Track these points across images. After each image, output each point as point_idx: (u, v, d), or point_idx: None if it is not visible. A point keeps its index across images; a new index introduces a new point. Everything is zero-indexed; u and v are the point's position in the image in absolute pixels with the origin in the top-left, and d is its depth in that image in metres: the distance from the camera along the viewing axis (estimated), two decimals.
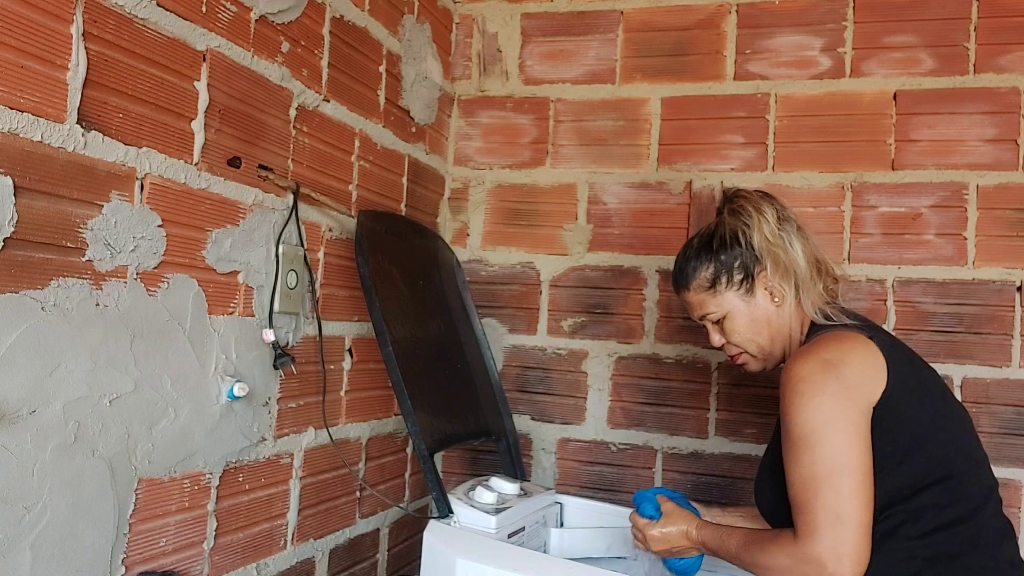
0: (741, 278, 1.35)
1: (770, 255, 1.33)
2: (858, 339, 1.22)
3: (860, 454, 1.14)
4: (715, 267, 1.36)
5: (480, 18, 2.16)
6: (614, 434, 2.00)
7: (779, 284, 1.33)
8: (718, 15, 1.98)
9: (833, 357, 1.19)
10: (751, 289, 1.35)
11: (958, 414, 1.27)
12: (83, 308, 1.05)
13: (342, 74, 1.61)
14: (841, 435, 1.14)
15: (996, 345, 1.77)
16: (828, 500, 1.12)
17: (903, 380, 1.19)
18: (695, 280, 1.39)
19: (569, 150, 2.08)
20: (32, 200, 0.97)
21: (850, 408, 1.16)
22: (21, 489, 0.97)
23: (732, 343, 1.40)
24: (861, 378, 1.17)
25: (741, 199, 1.38)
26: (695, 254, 1.40)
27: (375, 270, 1.50)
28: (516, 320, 2.09)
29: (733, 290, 1.36)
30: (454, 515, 1.40)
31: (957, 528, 1.15)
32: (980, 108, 1.81)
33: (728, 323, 1.38)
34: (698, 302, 1.40)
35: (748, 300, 1.35)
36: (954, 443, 1.22)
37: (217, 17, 1.26)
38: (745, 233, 1.34)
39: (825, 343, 1.24)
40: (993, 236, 1.79)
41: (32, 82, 0.97)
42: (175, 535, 1.23)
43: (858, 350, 1.20)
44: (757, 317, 1.35)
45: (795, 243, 1.34)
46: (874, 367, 1.18)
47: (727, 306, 1.37)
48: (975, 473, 1.22)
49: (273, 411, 1.44)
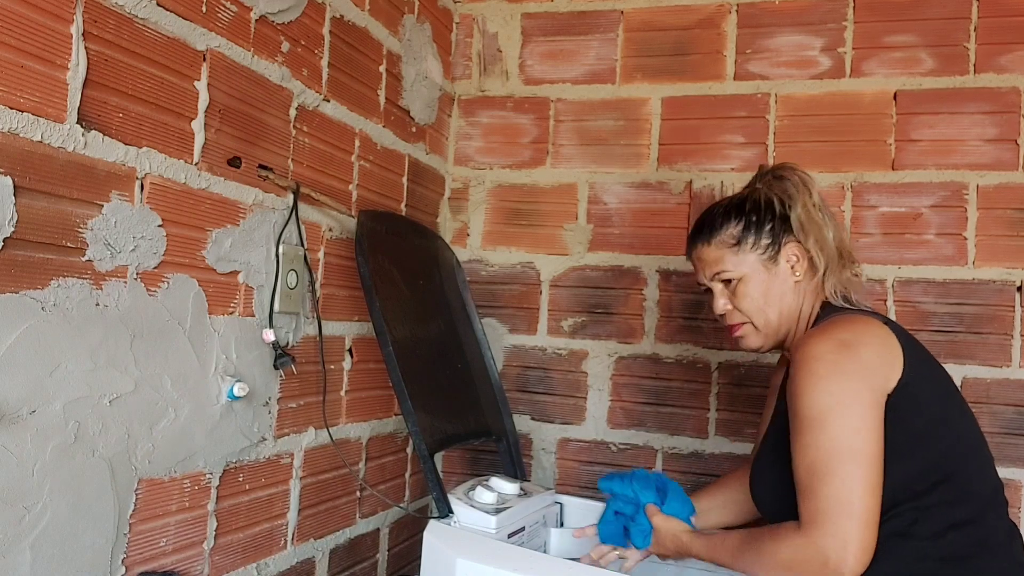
0: (768, 243, 1.30)
1: (810, 229, 1.29)
2: (875, 323, 1.19)
3: (872, 440, 1.10)
4: (744, 225, 1.31)
5: (480, 18, 2.16)
6: (614, 434, 2.00)
7: (806, 261, 1.29)
8: (718, 15, 1.98)
9: (850, 338, 1.16)
10: (775, 257, 1.30)
11: (967, 413, 1.26)
12: (83, 308, 1.05)
13: (342, 74, 1.61)
14: (854, 418, 1.10)
15: (996, 345, 1.77)
16: (835, 488, 1.08)
17: (918, 369, 1.16)
18: (720, 234, 1.33)
19: (569, 150, 2.08)
20: (32, 200, 0.97)
21: (866, 390, 1.12)
22: (21, 489, 0.97)
23: (739, 309, 1.33)
24: (879, 361, 1.14)
25: (788, 170, 1.34)
26: (724, 210, 1.35)
27: (375, 270, 1.50)
28: (516, 320, 2.09)
29: (757, 253, 1.30)
30: (454, 515, 1.40)
31: (967, 528, 1.14)
32: (980, 108, 1.81)
33: (741, 287, 1.31)
34: (716, 258, 1.33)
35: (769, 268, 1.30)
36: (964, 439, 1.20)
37: (217, 17, 1.26)
38: (785, 203, 1.30)
39: (842, 324, 1.20)
40: (993, 236, 1.79)
41: (32, 82, 0.97)
42: (175, 535, 1.23)
43: (876, 333, 1.17)
44: (772, 288, 1.30)
45: (829, 225, 1.31)
46: (891, 353, 1.15)
47: (746, 268, 1.31)
48: (983, 471, 1.21)
49: (273, 411, 1.44)
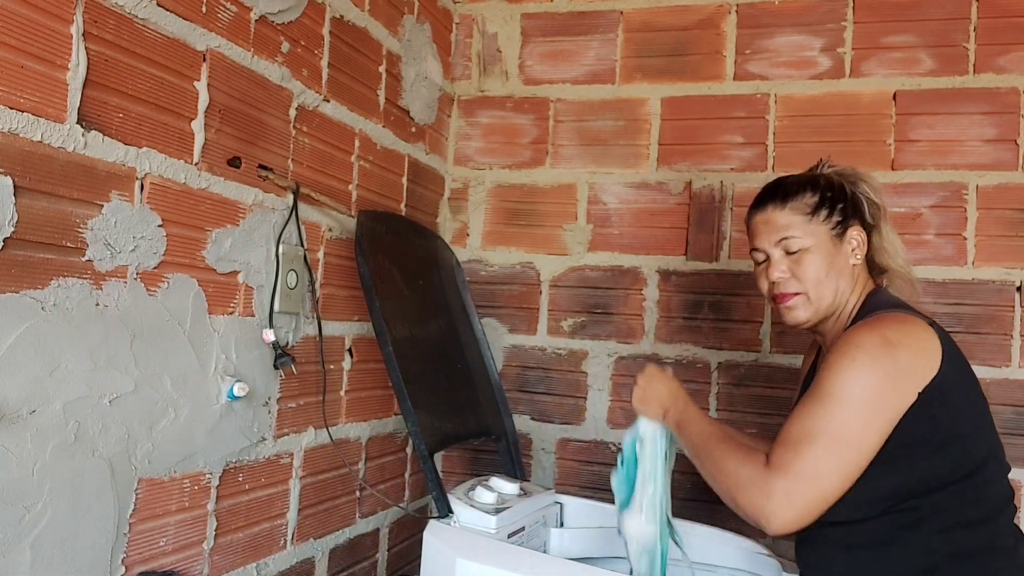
0: (839, 220, 1.32)
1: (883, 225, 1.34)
2: (919, 323, 1.22)
3: (873, 439, 1.14)
4: (820, 198, 1.32)
5: (480, 18, 2.16)
6: (614, 434, 2.00)
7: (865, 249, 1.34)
8: (718, 15, 1.99)
9: (895, 337, 1.19)
10: (842, 235, 1.32)
11: (991, 418, 1.28)
12: (83, 308, 1.05)
13: (342, 74, 1.61)
14: (869, 414, 1.14)
15: (996, 345, 1.77)
16: (815, 457, 1.13)
17: (954, 370, 1.20)
18: (797, 200, 1.33)
19: (569, 150, 2.08)
20: (32, 200, 0.97)
21: (891, 394, 1.15)
22: (21, 489, 0.97)
23: (798, 278, 1.33)
24: (914, 364, 1.17)
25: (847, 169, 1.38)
26: (800, 181, 1.36)
27: (375, 270, 1.50)
28: (516, 320, 2.09)
29: (828, 226, 1.31)
30: (454, 515, 1.40)
31: (977, 528, 1.16)
32: (980, 108, 1.81)
33: (807, 256, 1.32)
34: (787, 223, 1.32)
35: (836, 243, 1.32)
36: (986, 443, 1.22)
37: (217, 17, 1.26)
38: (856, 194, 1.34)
39: (889, 321, 1.23)
40: (993, 236, 1.79)
41: (32, 82, 0.97)
42: (175, 535, 1.23)
43: (919, 334, 1.20)
44: (835, 263, 1.32)
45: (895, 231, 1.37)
46: (930, 353, 1.18)
47: (814, 239, 1.31)
48: (1000, 476, 1.23)
49: (273, 411, 1.44)
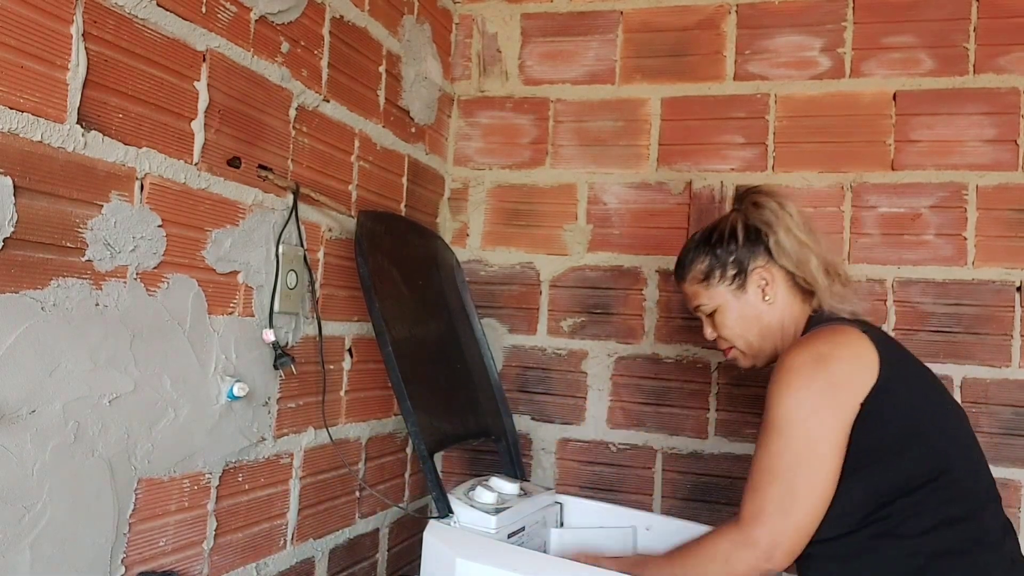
0: (734, 273, 1.38)
1: (794, 252, 1.34)
2: (851, 332, 1.24)
3: (827, 454, 1.16)
4: (710, 261, 1.40)
5: (480, 18, 2.16)
6: (614, 434, 2.01)
7: (783, 281, 1.35)
8: (718, 15, 1.99)
9: (826, 351, 1.21)
10: (743, 286, 1.38)
11: (956, 412, 1.28)
12: (83, 308, 1.05)
13: (342, 74, 1.61)
14: (816, 432, 1.16)
15: (996, 345, 1.77)
16: (781, 490, 1.15)
17: (897, 372, 1.20)
18: (691, 271, 1.44)
19: (569, 150, 2.08)
20: (32, 200, 0.97)
21: (833, 407, 1.17)
22: (21, 489, 0.97)
23: (723, 337, 1.43)
24: (850, 374, 1.19)
25: (763, 194, 1.40)
26: (694, 246, 1.44)
27: (375, 270, 1.50)
28: (516, 320, 2.09)
29: (725, 285, 1.39)
30: (454, 515, 1.40)
31: (960, 526, 1.15)
32: (980, 108, 1.81)
33: (719, 317, 1.41)
34: (692, 293, 1.45)
35: (739, 296, 1.38)
36: (951, 439, 1.22)
37: (217, 17, 1.26)
38: (763, 229, 1.36)
39: (820, 336, 1.26)
40: (993, 236, 1.79)
41: (32, 82, 0.97)
42: (175, 535, 1.23)
43: (851, 343, 1.22)
44: (747, 314, 1.38)
45: (813, 246, 1.36)
46: (865, 361, 1.20)
47: (718, 300, 1.40)
48: (974, 471, 1.22)
49: (273, 411, 1.44)
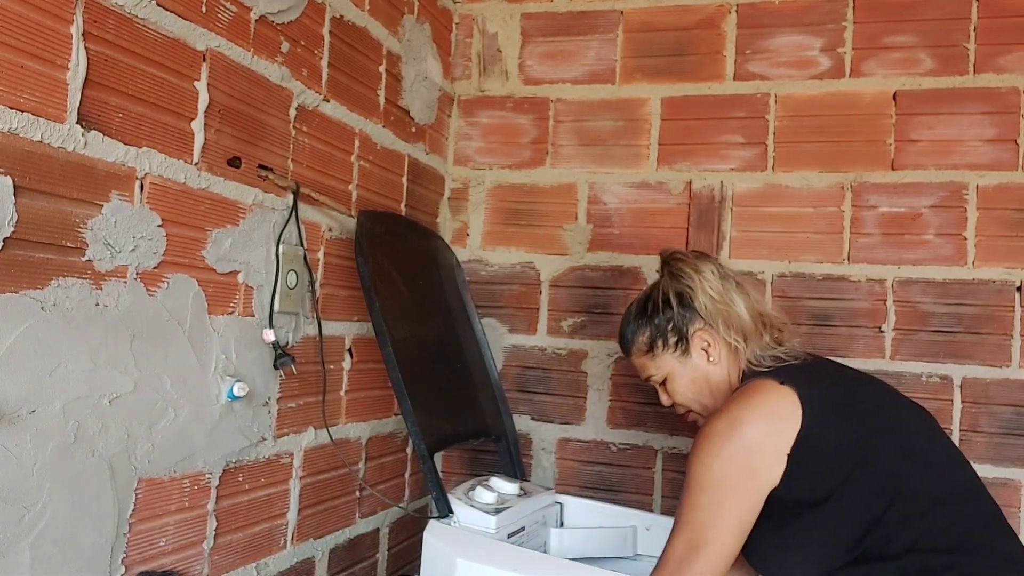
0: (676, 340, 1.40)
1: (718, 313, 1.37)
2: (769, 388, 1.26)
3: (739, 511, 1.20)
4: (650, 331, 1.42)
5: (480, 18, 2.16)
6: (614, 434, 2.00)
7: (721, 341, 1.37)
8: (718, 15, 1.99)
9: (742, 414, 1.23)
10: (687, 350, 1.40)
11: (904, 420, 1.28)
12: (83, 308, 1.05)
13: (342, 74, 1.61)
14: (725, 494, 1.20)
15: (996, 345, 1.77)
16: (690, 536, 1.20)
17: (823, 410, 1.22)
18: (635, 345, 1.46)
19: (569, 150, 2.08)
20: (32, 200, 0.97)
21: (742, 471, 1.20)
22: (21, 489, 0.97)
23: (678, 403, 1.45)
24: (765, 434, 1.21)
25: (679, 261, 1.43)
26: (633, 319, 1.46)
27: (375, 270, 1.50)
28: (516, 320, 2.09)
29: (669, 352, 1.41)
30: (454, 515, 1.40)
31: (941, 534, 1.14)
32: (980, 108, 1.81)
33: (671, 384, 1.44)
34: (641, 365, 1.47)
35: (684, 361, 1.40)
36: (899, 453, 1.22)
37: (217, 17, 1.26)
38: (686, 294, 1.39)
39: (737, 398, 1.28)
40: (993, 236, 1.79)
41: (32, 82, 0.97)
42: (175, 535, 1.23)
43: (767, 401, 1.24)
44: (696, 377, 1.40)
45: (737, 299, 1.38)
46: (782, 412, 1.22)
47: (666, 368, 1.43)
48: (938, 474, 1.22)
49: (273, 411, 1.44)
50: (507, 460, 1.83)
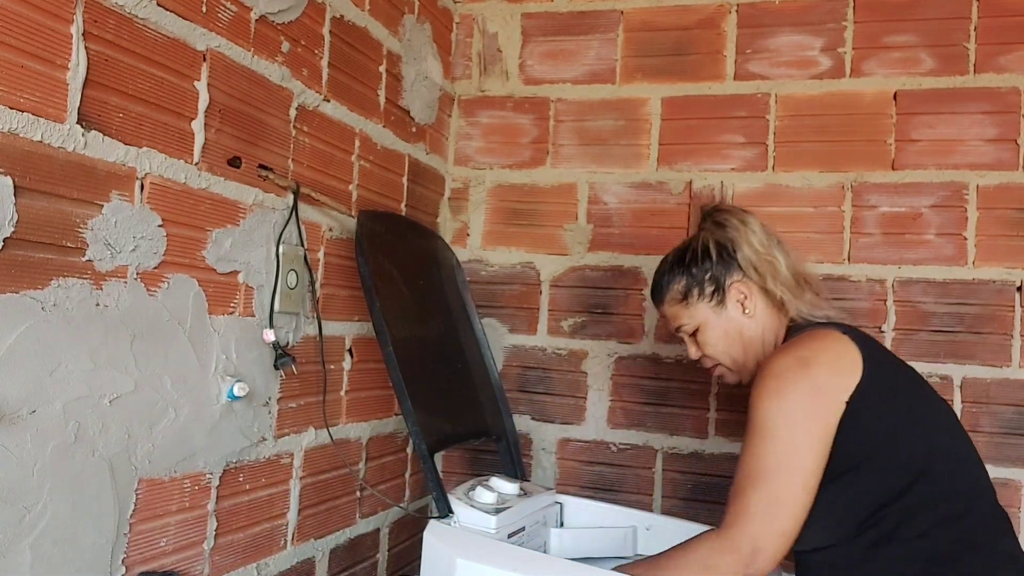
0: (712, 290, 1.38)
1: (763, 265, 1.35)
2: (833, 335, 1.25)
3: (812, 457, 1.16)
4: (687, 280, 1.40)
5: (480, 18, 2.16)
6: (614, 434, 2.00)
7: (758, 295, 1.36)
8: (718, 15, 1.98)
9: (808, 355, 1.22)
10: (722, 301, 1.38)
11: (942, 411, 1.28)
12: (83, 308, 1.05)
13: (342, 74, 1.61)
14: (799, 437, 1.17)
15: (996, 345, 1.77)
16: (764, 494, 1.16)
17: (879, 371, 1.21)
18: (668, 293, 1.43)
19: (569, 150, 2.08)
20: (32, 200, 0.97)
21: (816, 411, 1.17)
22: (21, 489, 0.97)
23: (707, 355, 1.43)
24: (833, 376, 1.19)
25: (725, 212, 1.41)
26: (668, 268, 1.44)
27: (375, 270, 1.50)
28: (516, 320, 2.09)
29: (705, 302, 1.39)
30: (454, 515, 1.40)
31: (953, 526, 1.15)
32: (980, 108, 1.81)
33: (702, 335, 1.41)
34: (672, 315, 1.45)
35: (719, 312, 1.38)
36: (937, 435, 1.23)
37: (217, 17, 1.26)
38: (728, 245, 1.37)
39: (801, 341, 1.27)
40: (993, 236, 1.79)
41: (32, 82, 0.97)
42: (175, 535, 1.23)
43: (833, 347, 1.23)
44: (729, 328, 1.38)
45: (779, 255, 1.37)
46: (848, 360, 1.20)
47: (699, 318, 1.40)
48: (964, 467, 1.23)
49: (273, 411, 1.44)
50: (507, 460, 1.83)
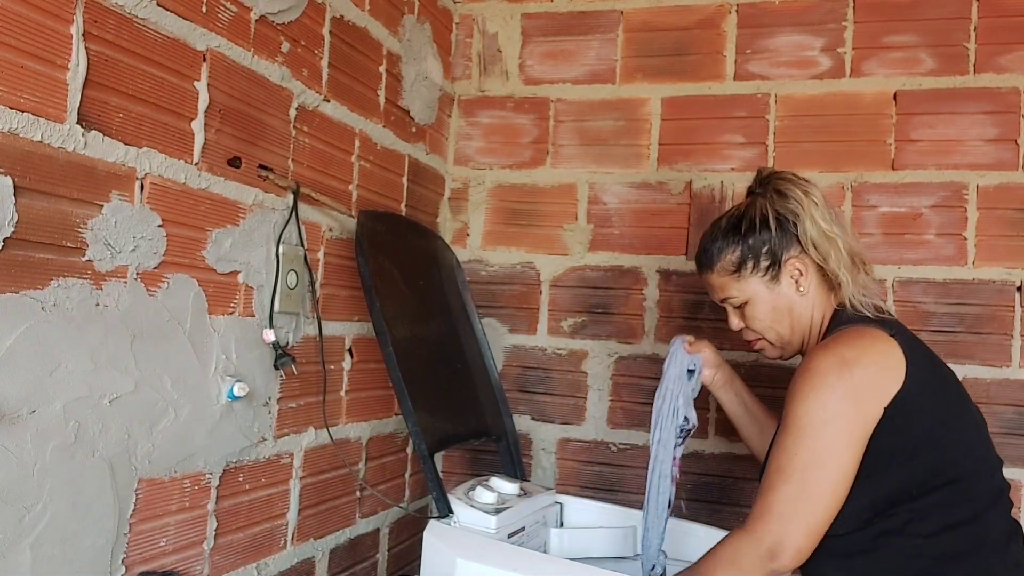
0: (768, 264, 1.31)
1: (825, 242, 1.28)
2: (879, 336, 1.20)
3: (845, 460, 1.13)
4: (742, 251, 1.32)
5: (480, 18, 2.16)
6: (614, 434, 2.00)
7: (815, 272, 1.29)
8: (718, 15, 1.98)
9: (852, 355, 1.17)
10: (777, 276, 1.31)
11: (974, 416, 1.26)
12: (83, 308, 1.05)
13: (342, 74, 1.61)
14: (836, 437, 1.13)
15: (996, 345, 1.77)
16: (793, 490, 1.13)
17: (921, 378, 1.17)
18: (719, 263, 1.35)
19: (569, 150, 2.08)
20: (32, 200, 0.97)
21: (854, 413, 1.14)
22: (21, 489, 0.97)
23: (752, 329, 1.36)
24: (875, 380, 1.15)
25: (787, 182, 1.32)
26: (722, 235, 1.35)
27: (375, 270, 1.50)
28: (516, 320, 2.09)
29: (758, 276, 1.32)
30: (454, 515, 1.40)
31: (965, 528, 1.15)
32: (980, 108, 1.80)
33: (750, 309, 1.34)
34: (720, 285, 1.36)
35: (772, 287, 1.32)
36: (967, 444, 1.21)
37: (217, 17, 1.26)
38: (789, 217, 1.29)
39: (847, 339, 1.21)
40: (993, 236, 1.79)
41: (32, 82, 0.97)
42: (175, 535, 1.23)
43: (878, 348, 1.18)
44: (779, 305, 1.32)
45: (839, 231, 1.30)
46: (891, 366, 1.16)
47: (750, 291, 1.33)
48: (986, 475, 1.21)
49: (273, 411, 1.44)
50: (507, 460, 1.83)
